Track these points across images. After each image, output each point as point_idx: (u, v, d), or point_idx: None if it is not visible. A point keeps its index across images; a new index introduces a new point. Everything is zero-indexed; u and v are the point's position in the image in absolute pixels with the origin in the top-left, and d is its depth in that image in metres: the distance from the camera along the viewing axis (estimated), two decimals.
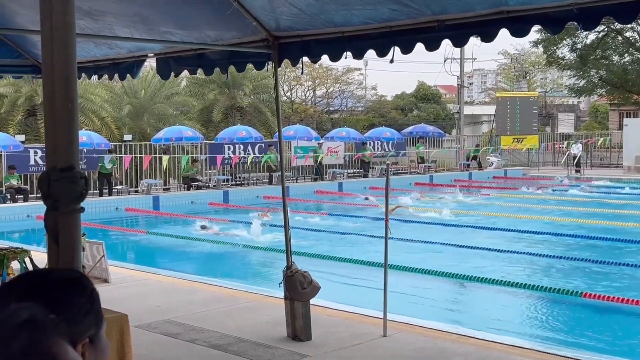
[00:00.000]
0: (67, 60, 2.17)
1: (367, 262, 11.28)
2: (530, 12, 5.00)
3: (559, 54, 40.43)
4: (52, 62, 2.13)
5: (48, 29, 2.17)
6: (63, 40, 2.14)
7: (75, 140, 2.24)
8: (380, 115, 43.33)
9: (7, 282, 1.23)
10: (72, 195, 2.18)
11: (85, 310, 1.20)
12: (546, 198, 21.55)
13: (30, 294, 1.17)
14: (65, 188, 2.16)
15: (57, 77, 2.13)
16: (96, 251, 9.42)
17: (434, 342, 6.60)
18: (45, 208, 2.28)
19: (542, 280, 10.66)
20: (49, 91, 2.20)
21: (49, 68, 2.18)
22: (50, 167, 2.23)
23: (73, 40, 2.19)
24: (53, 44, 2.13)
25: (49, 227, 2.21)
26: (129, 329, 4.54)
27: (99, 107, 26.18)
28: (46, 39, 2.20)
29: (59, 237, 2.10)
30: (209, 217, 18.06)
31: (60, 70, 2.14)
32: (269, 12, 6.22)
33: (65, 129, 2.19)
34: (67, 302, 1.18)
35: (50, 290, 1.19)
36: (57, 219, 2.18)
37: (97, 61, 8.19)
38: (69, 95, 2.19)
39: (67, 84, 2.18)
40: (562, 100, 57.72)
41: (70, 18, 2.24)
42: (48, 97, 2.22)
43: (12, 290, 1.18)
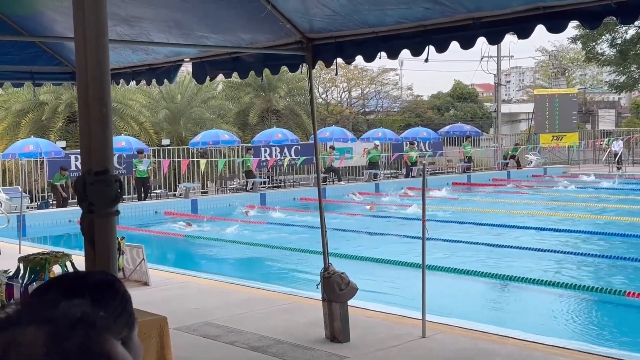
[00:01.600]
0: (100, 65, 2.20)
1: (405, 263, 11.22)
2: (567, 7, 4.91)
3: (598, 49, 39.71)
4: (86, 67, 2.16)
5: (81, 35, 2.20)
6: (96, 46, 2.17)
7: (109, 143, 2.27)
8: (416, 116, 43.11)
9: (46, 282, 1.24)
10: (107, 198, 2.20)
11: (117, 313, 1.21)
12: (586, 196, 21.19)
13: (65, 295, 1.18)
14: (101, 191, 2.19)
15: (91, 81, 2.16)
16: (136, 254, 9.54)
17: (474, 342, 6.53)
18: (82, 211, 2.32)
19: (583, 279, 10.48)
20: (83, 96, 2.23)
21: (82, 73, 2.21)
22: (85, 170, 2.26)
23: (106, 45, 2.22)
24: (86, 49, 2.15)
25: (85, 230, 2.24)
26: (168, 331, 4.58)
27: (137, 112, 26.54)
28: (79, 44, 2.23)
29: (94, 239, 2.14)
30: (245, 220, 18.16)
31: (93, 75, 2.16)
32: (302, 14, 6.23)
33: (99, 133, 2.22)
34: (101, 304, 1.19)
35: (84, 293, 1.20)
36: (93, 221, 2.21)
37: (135, 67, 8.30)
38: (102, 100, 2.22)
39: (100, 88, 2.21)
40: (602, 97, 56.72)
41: (103, 24, 2.27)
42: (82, 102, 2.26)
43: (49, 289, 1.19)
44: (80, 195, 2.27)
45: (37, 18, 7.59)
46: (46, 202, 20.56)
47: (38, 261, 4.81)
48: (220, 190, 25.19)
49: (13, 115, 25.18)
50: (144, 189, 22.38)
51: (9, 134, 24.69)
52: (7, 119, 25.28)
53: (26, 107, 25.10)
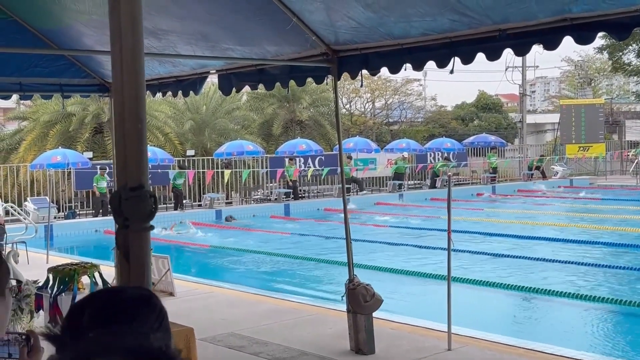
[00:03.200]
0: (137, 81, 2.23)
1: (430, 275, 11.17)
2: (595, 18, 4.88)
3: (625, 59, 39.31)
4: (122, 82, 2.19)
5: (118, 50, 2.24)
6: (132, 61, 2.20)
7: (144, 159, 2.30)
8: (440, 126, 42.93)
9: (81, 301, 1.26)
10: (142, 213, 2.23)
11: (155, 328, 1.22)
12: (613, 207, 20.94)
13: (104, 313, 1.20)
14: (136, 206, 2.22)
15: (127, 97, 2.19)
16: (162, 265, 9.61)
17: (500, 356, 6.47)
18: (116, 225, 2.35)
19: (611, 292, 10.34)
20: (119, 112, 2.27)
21: (119, 89, 2.25)
22: (120, 185, 2.29)
23: (142, 60, 2.25)
24: (123, 64, 2.19)
25: (120, 245, 2.27)
26: (194, 342, 4.60)
27: (162, 123, 26.77)
28: (116, 59, 2.27)
29: (129, 254, 2.16)
30: (272, 230, 18.20)
31: (129, 91, 2.20)
32: (328, 26, 6.26)
33: (135, 149, 2.25)
34: (138, 319, 1.21)
35: (123, 308, 1.22)
36: (128, 236, 2.23)
37: (162, 79, 8.39)
38: (138, 116, 2.25)
39: (136, 104, 2.24)
40: (630, 107, 56.05)
41: (139, 39, 2.30)
42: (118, 118, 2.29)
43: (85, 307, 1.21)
44: (115, 210, 2.30)
45: (65, 31, 7.71)
46: (73, 212, 20.79)
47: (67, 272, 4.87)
48: (245, 201, 25.28)
49: (41, 126, 25.54)
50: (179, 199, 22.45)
51: (37, 144, 25.03)
52: (35, 130, 25.64)
53: (54, 118, 25.44)
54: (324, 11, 6.02)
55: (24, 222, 15.93)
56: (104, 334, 1.13)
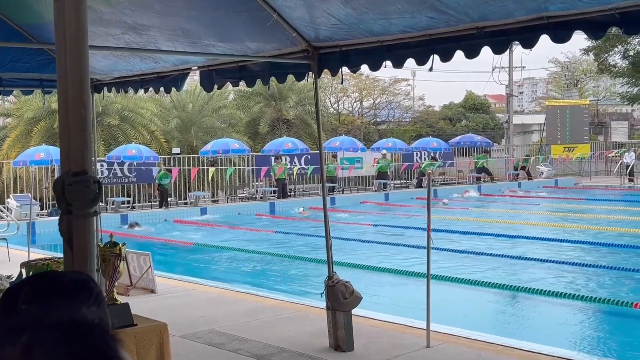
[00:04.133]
0: (80, 66, 2.22)
1: (410, 272, 11.21)
2: (571, 17, 4.91)
3: (611, 61, 39.56)
4: (66, 68, 2.18)
5: (61, 36, 2.23)
6: (76, 47, 2.18)
7: (88, 145, 2.28)
8: (428, 126, 43.05)
9: (17, 284, 1.26)
10: (85, 199, 2.22)
11: None
12: (596, 207, 21.08)
13: (38, 296, 1.19)
14: (79, 192, 2.20)
15: (70, 82, 2.18)
16: (143, 262, 9.57)
17: (478, 353, 6.49)
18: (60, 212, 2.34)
19: (590, 290, 10.42)
20: (62, 98, 2.25)
21: (62, 74, 2.23)
22: (64, 171, 2.27)
23: (85, 46, 2.24)
24: (66, 50, 2.18)
25: (63, 231, 2.26)
26: (168, 338, 4.59)
27: (148, 120, 26.68)
28: (60, 45, 2.25)
29: (72, 240, 2.15)
30: (255, 229, 18.20)
31: (73, 75, 2.18)
32: (308, 22, 6.26)
33: (78, 134, 2.23)
34: (74, 303, 1.20)
35: (57, 292, 1.21)
36: (71, 222, 2.22)
37: (143, 75, 8.36)
38: (81, 100, 2.24)
39: (80, 89, 2.22)
40: (615, 109, 56.46)
41: (83, 24, 2.29)
42: (62, 103, 2.27)
43: (20, 292, 1.21)
44: (58, 196, 2.29)
45: (46, 26, 7.67)
46: (56, 210, 20.64)
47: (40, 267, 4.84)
48: (230, 199, 25.26)
49: (25, 123, 25.37)
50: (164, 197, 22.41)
51: (20, 141, 24.87)
52: (19, 127, 25.47)
53: (38, 115, 25.28)
54: (304, 8, 6.02)
55: (5, 220, 15.82)
56: (37, 307, 1.13)
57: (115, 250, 4.90)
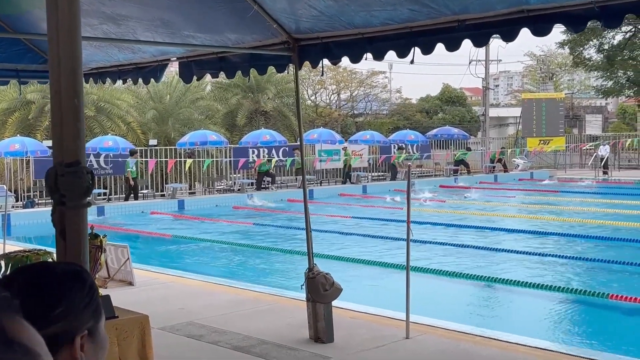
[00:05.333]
0: (73, 56, 2.19)
1: (390, 264, 11.26)
2: (551, 10, 4.94)
3: (586, 54, 39.95)
4: (59, 57, 2.15)
5: (54, 25, 2.20)
6: (69, 36, 2.16)
7: (81, 135, 2.26)
8: (405, 118, 43.19)
9: (9, 275, 1.25)
10: (78, 190, 2.19)
11: (84, 303, 1.22)
12: (572, 200, 21.32)
13: (31, 287, 1.19)
14: (72, 183, 2.18)
15: (64, 72, 2.15)
16: (121, 254, 9.51)
17: (457, 344, 6.55)
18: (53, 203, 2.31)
19: (567, 281, 10.55)
20: (55, 87, 2.22)
21: (55, 64, 2.20)
22: (57, 162, 2.25)
23: (78, 35, 2.21)
24: (59, 39, 2.15)
25: (56, 222, 2.23)
26: (149, 330, 4.57)
27: (125, 112, 26.44)
28: (52, 34, 2.22)
29: (65, 231, 2.13)
30: (234, 221, 18.15)
31: (66, 66, 2.15)
32: (289, 14, 6.24)
33: (71, 124, 2.21)
34: (67, 294, 1.20)
35: (51, 282, 1.21)
36: (64, 213, 2.20)
37: (121, 66, 8.28)
38: (75, 91, 2.21)
39: (73, 79, 2.20)
40: (590, 102, 57.06)
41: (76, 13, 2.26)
42: (55, 93, 2.24)
43: (13, 282, 1.20)
44: (51, 186, 2.26)
45: (23, 17, 7.56)
46: (32, 202, 20.45)
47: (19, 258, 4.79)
48: (208, 191, 25.15)
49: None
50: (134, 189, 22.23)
51: None
52: None
53: (12, 105, 24.94)
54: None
55: None
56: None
57: (96, 242, 4.87)
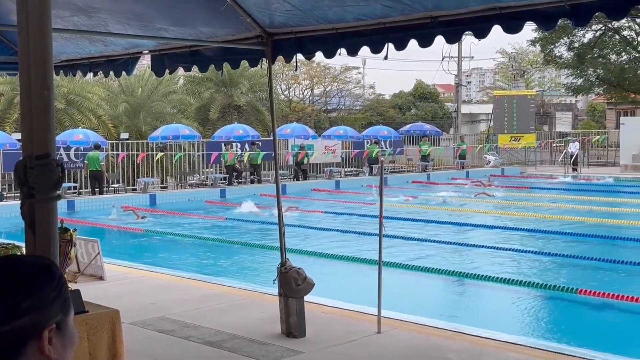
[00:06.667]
0: (44, 47, 2.16)
1: (362, 259, 11.30)
2: (522, 8, 4.99)
3: (557, 52, 40.41)
4: (29, 49, 2.12)
5: (24, 16, 2.16)
6: (39, 28, 2.12)
7: (51, 127, 2.23)
8: (378, 114, 43.33)
9: None
10: (48, 182, 2.17)
11: (52, 297, 1.21)
12: (541, 196, 21.57)
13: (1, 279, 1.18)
14: (42, 175, 2.15)
15: (33, 64, 2.12)
16: (91, 249, 9.42)
17: (428, 338, 6.60)
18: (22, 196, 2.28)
19: (537, 277, 10.68)
20: (25, 79, 2.19)
21: (25, 55, 2.17)
22: (26, 154, 2.22)
23: (49, 27, 2.18)
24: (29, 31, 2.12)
25: (25, 215, 2.21)
26: (120, 325, 4.54)
27: (95, 105, 26.18)
28: (22, 26, 2.18)
29: (35, 224, 2.10)
30: (207, 215, 18.07)
31: (36, 57, 2.12)
32: (262, 8, 6.21)
33: (41, 116, 2.18)
34: (35, 288, 1.19)
35: (19, 276, 1.20)
36: (33, 206, 2.17)
37: (92, 58, 8.18)
38: (45, 82, 2.18)
39: (43, 71, 2.16)
40: (560, 99, 57.77)
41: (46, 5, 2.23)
42: (24, 85, 2.21)
43: None
44: (20, 179, 2.23)
45: None
46: (0, 195, 20.16)
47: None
48: (180, 186, 25.00)
49: None
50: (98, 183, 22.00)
51: None
52: None
53: None
54: None
55: None
56: None
57: (66, 236, 4.81)
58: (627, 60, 39.13)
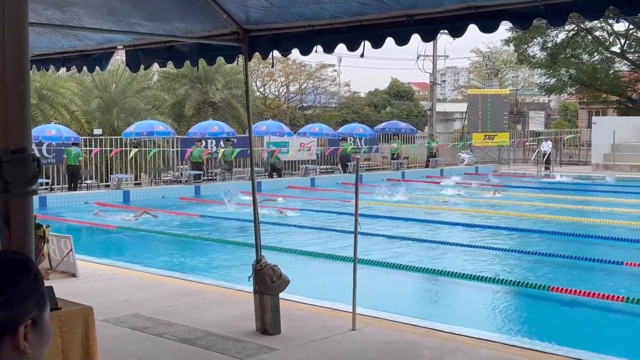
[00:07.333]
0: (20, 41, 2.13)
1: (337, 257, 11.32)
2: (498, 7, 5.03)
3: (530, 52, 40.84)
4: (5, 43, 2.08)
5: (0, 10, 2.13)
6: (16, 21, 2.09)
7: (27, 121, 2.20)
8: (353, 112, 43.40)
9: None
10: (24, 177, 2.13)
11: (28, 292, 1.20)
12: (514, 194, 21.77)
13: None
14: (17, 170, 2.12)
15: (9, 57, 2.08)
16: (64, 245, 9.31)
17: (402, 335, 6.64)
18: None
19: (510, 274, 10.77)
20: (0, 73, 2.15)
21: (1, 49, 2.14)
22: (1, 149, 2.18)
23: (25, 21, 2.15)
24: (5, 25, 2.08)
25: (0, 210, 2.17)
26: (94, 322, 4.50)
27: (68, 100, 25.89)
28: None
29: (10, 219, 2.07)
30: (181, 212, 17.98)
31: (12, 49, 2.09)
32: (238, 4, 6.19)
33: (16, 110, 2.14)
34: (11, 283, 1.18)
35: None
36: (9, 201, 2.14)
37: (65, 53, 8.08)
38: (21, 76, 2.15)
39: (19, 64, 2.13)
40: (533, 99, 58.37)
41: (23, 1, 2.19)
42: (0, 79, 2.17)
43: None
44: None
45: None
46: None
47: None
48: (154, 182, 24.82)
49: None
50: (74, 178, 21.81)
51: None
52: None
53: None
54: None
55: None
56: None
57: (39, 232, 4.76)
58: (599, 60, 39.67)
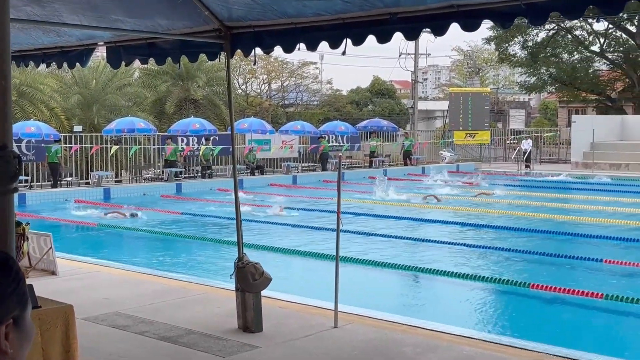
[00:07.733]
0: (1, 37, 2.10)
1: (319, 254, 11.32)
2: (480, 6, 5.06)
3: (511, 51, 41.05)
4: None
5: None
6: None
7: (8, 118, 2.17)
8: (335, 110, 43.41)
9: None
10: (5, 175, 2.11)
11: (9, 291, 1.19)
12: (496, 193, 21.91)
13: None
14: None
15: None
16: (43, 243, 9.23)
17: (384, 332, 6.65)
18: None
19: (491, 271, 10.85)
20: None
21: None
22: None
23: (7, 16, 2.12)
24: None
25: None
26: (74, 320, 4.46)
27: (48, 97, 25.65)
28: None
29: None
30: (162, 210, 17.89)
31: None
32: (221, 1, 6.17)
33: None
34: None
35: None
36: None
37: (46, 49, 8.00)
38: (2, 72, 2.12)
39: (0, 60, 2.11)
40: (514, 97, 58.69)
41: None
42: None
43: None
44: None
45: None
46: None
47: None
48: (135, 180, 24.68)
49: None
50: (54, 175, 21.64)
51: None
52: None
53: None
54: None
55: None
56: None
57: (18, 230, 4.71)
58: (578, 59, 39.99)
